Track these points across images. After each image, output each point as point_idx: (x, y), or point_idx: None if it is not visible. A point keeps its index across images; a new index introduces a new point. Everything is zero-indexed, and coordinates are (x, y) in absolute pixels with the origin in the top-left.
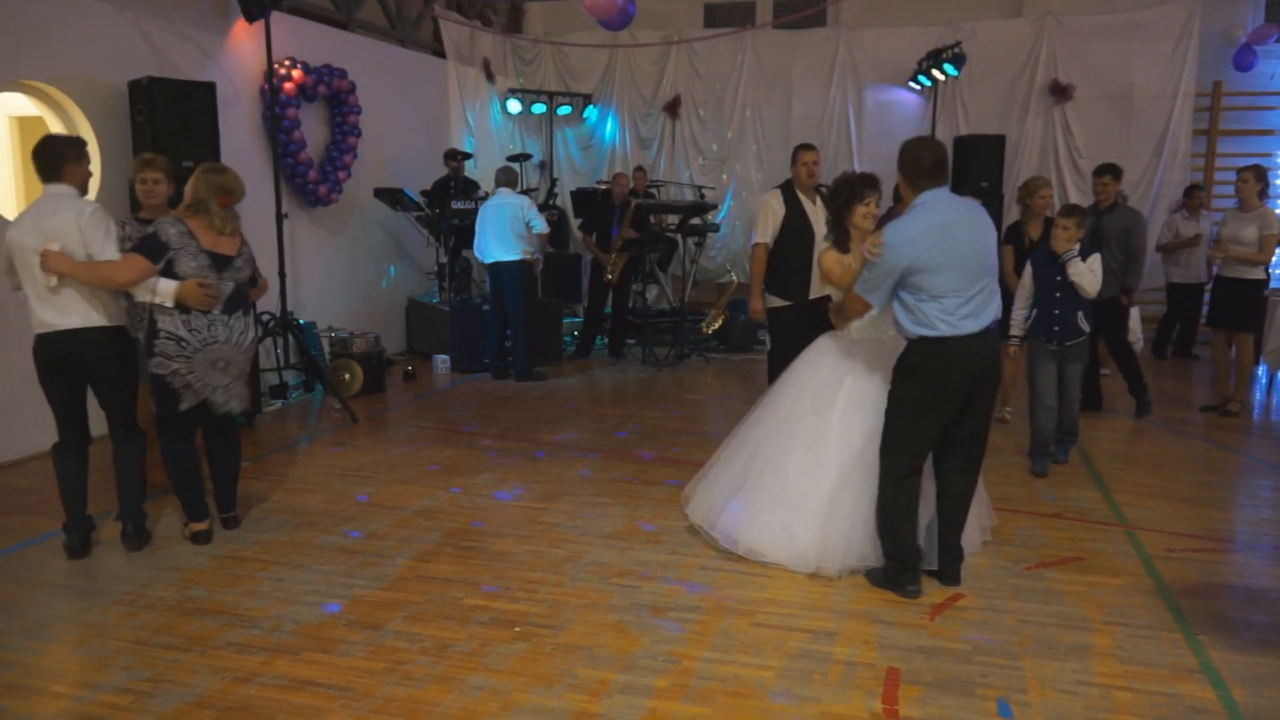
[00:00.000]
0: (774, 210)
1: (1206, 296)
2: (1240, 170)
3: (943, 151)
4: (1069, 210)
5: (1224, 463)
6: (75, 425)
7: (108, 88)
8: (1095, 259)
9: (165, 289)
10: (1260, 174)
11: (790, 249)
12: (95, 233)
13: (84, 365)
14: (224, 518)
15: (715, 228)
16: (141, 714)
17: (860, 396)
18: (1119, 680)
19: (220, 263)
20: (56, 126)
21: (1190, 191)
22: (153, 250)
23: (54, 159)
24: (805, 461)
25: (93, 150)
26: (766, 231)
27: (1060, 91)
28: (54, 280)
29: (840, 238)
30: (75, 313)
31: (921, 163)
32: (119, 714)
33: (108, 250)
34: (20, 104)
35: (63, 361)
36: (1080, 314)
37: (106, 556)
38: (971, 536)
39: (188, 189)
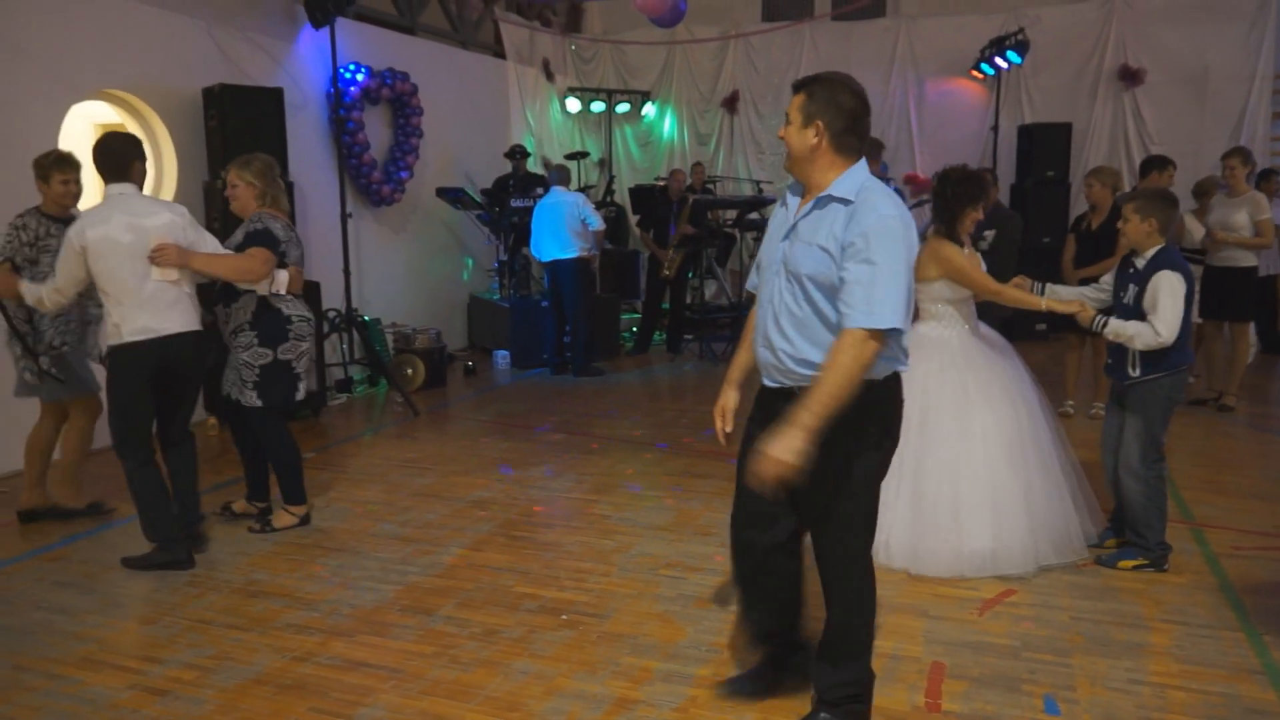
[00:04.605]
0: None
1: None
2: (1225, 156)
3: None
4: (1130, 195)
5: None
6: (150, 436)
7: (183, 95)
8: (1164, 280)
9: (283, 279)
10: (1246, 157)
11: None
12: (200, 236)
13: (176, 369)
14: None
15: None
16: (205, 689)
17: (980, 388)
18: (1174, 680)
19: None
20: (136, 133)
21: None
22: (273, 244)
23: (120, 158)
24: (957, 466)
25: (169, 154)
26: None
27: (1130, 76)
28: (175, 274)
29: (953, 229)
30: (176, 317)
31: (865, 118)
32: (184, 688)
33: (212, 249)
34: (102, 111)
35: (155, 368)
36: (1132, 353)
37: None
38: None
39: (247, 188)
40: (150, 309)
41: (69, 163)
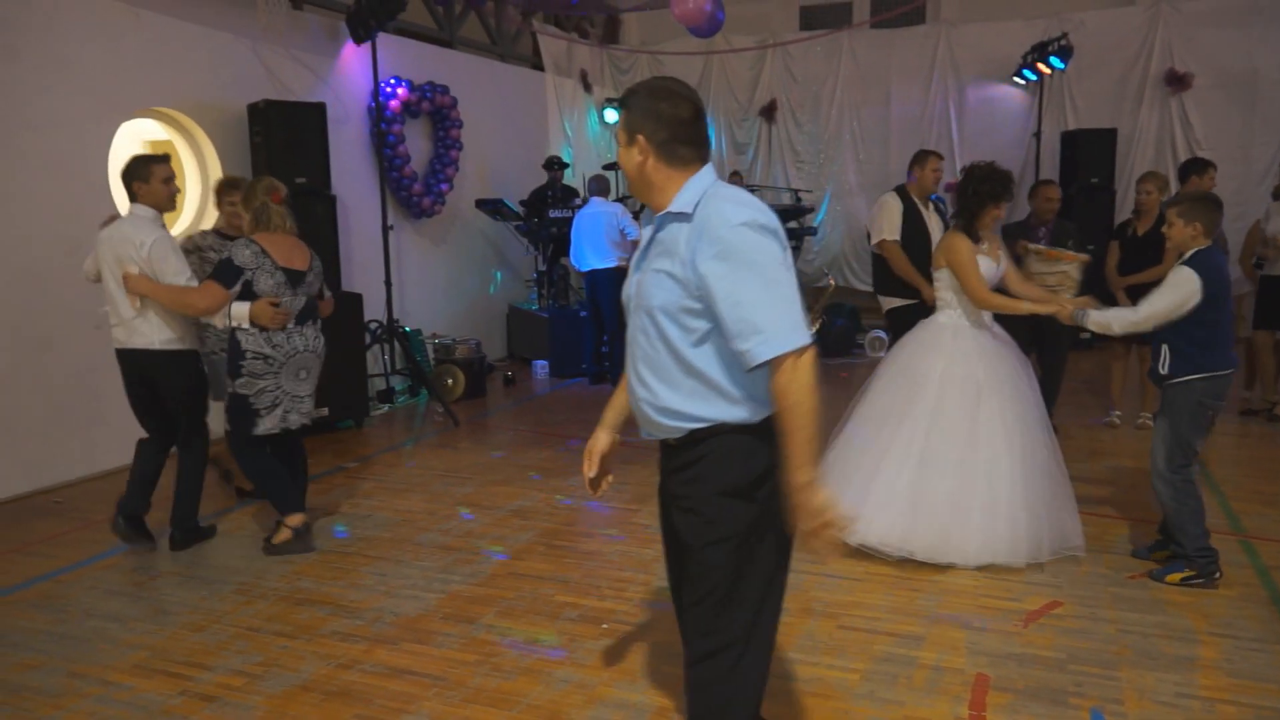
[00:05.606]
0: (894, 208)
1: None
2: None
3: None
4: (1174, 199)
5: None
6: (157, 424)
7: (229, 111)
8: (1175, 272)
9: (239, 312)
10: None
11: (908, 248)
12: (163, 266)
13: (152, 382)
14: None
15: (812, 231)
16: (252, 695)
17: (991, 386)
18: (1224, 694)
19: (294, 279)
20: (184, 149)
21: None
22: (227, 276)
23: (124, 182)
24: (960, 458)
25: (215, 170)
26: (895, 228)
27: (1177, 81)
28: (138, 303)
29: (971, 225)
30: (140, 334)
31: (694, 124)
32: (232, 694)
33: (179, 280)
34: (151, 129)
35: (135, 376)
36: (1165, 348)
37: (224, 550)
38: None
39: (244, 209)
40: (122, 325)
41: (234, 187)
